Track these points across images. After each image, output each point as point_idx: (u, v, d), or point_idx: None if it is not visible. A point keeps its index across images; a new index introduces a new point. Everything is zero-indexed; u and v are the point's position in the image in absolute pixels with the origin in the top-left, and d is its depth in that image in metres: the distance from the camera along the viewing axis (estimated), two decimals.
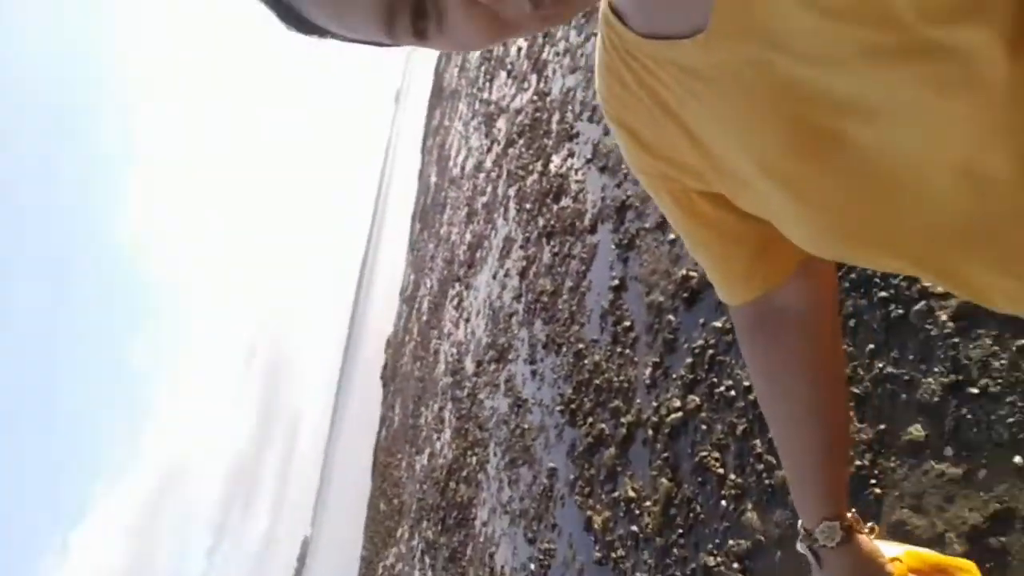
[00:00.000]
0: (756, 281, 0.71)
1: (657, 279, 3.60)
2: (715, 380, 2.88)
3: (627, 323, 3.82)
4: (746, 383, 2.68)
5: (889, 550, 0.78)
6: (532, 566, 4.39)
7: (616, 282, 4.07)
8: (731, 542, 2.53)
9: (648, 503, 3.17)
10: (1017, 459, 1.63)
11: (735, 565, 2.47)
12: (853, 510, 0.78)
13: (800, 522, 0.80)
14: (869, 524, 0.79)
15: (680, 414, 3.07)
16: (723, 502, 2.63)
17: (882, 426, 2.01)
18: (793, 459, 0.80)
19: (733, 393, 2.75)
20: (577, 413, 4.21)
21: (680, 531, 2.86)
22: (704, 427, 2.89)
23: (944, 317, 1.91)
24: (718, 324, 2.95)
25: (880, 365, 2.08)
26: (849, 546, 0.76)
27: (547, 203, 6.02)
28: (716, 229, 0.67)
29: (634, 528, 3.23)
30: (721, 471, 2.70)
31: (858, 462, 2.05)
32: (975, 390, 1.77)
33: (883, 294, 2.14)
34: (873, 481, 1.98)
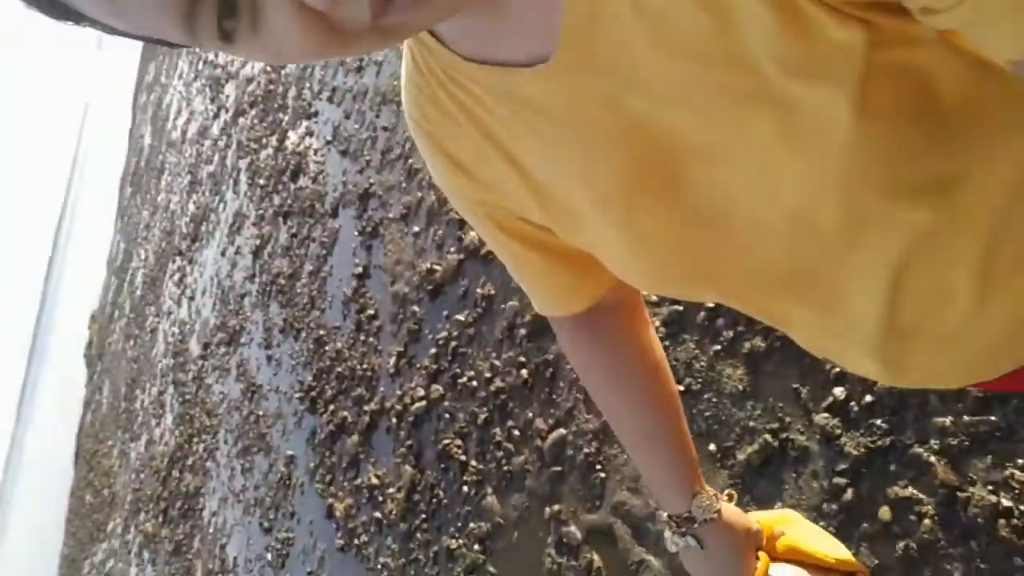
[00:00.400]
0: (586, 293, 0.71)
1: (402, 270, 3.69)
2: (458, 371, 3.05)
3: (371, 311, 3.87)
4: (487, 375, 2.86)
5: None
6: (269, 556, 4.32)
7: (360, 270, 4.09)
8: (472, 525, 2.71)
9: (392, 490, 3.27)
10: (712, 446, 1.95)
11: (476, 547, 2.66)
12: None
13: (665, 516, 0.81)
14: (726, 492, 0.82)
15: (424, 403, 3.20)
16: (465, 487, 2.81)
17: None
18: (648, 448, 0.81)
19: (475, 384, 2.93)
20: (318, 400, 4.19)
21: (423, 516, 3.01)
22: (447, 416, 3.04)
23: (657, 323, 2.21)
24: (461, 317, 3.11)
25: None
26: (723, 514, 0.78)
27: (283, 181, 5.83)
28: (540, 249, 0.66)
29: (377, 514, 3.32)
30: (463, 458, 2.88)
31: (586, 449, 2.31)
32: (681, 388, 2.08)
33: None
34: (599, 467, 2.25)
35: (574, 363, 0.83)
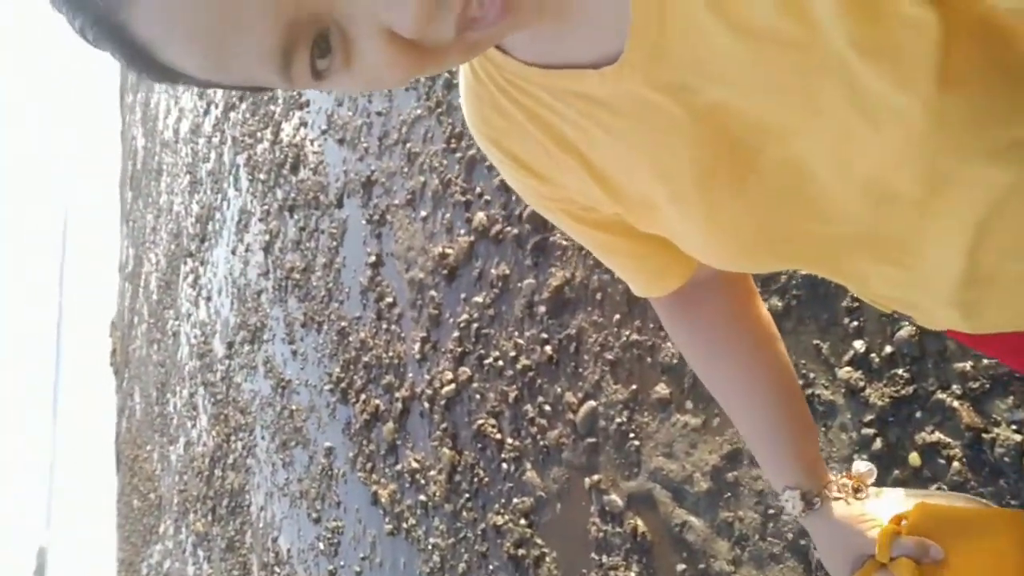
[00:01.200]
0: (677, 270, 0.70)
1: (415, 255, 3.73)
2: (483, 352, 3.11)
3: (389, 299, 3.93)
4: (512, 353, 2.92)
5: (894, 506, 0.70)
6: (320, 545, 4.46)
7: (373, 258, 4.14)
8: (516, 500, 2.80)
9: (433, 472, 3.37)
10: None
11: (522, 521, 2.75)
12: (836, 473, 0.75)
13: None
14: (853, 482, 0.73)
15: (453, 386, 3.28)
16: (504, 465, 2.89)
17: (634, 386, 2.34)
18: (748, 430, 0.78)
19: (501, 363, 2.99)
20: (348, 391, 4.28)
21: (467, 495, 3.10)
22: (478, 396, 3.11)
23: None
24: (479, 299, 3.16)
25: (627, 333, 2.40)
26: (819, 513, 0.73)
27: (284, 174, 5.85)
28: (620, 232, 0.66)
29: (422, 497, 3.41)
30: (499, 436, 2.95)
31: (618, 419, 2.37)
32: None
33: None
34: (632, 435, 2.32)
35: (675, 341, 0.81)
